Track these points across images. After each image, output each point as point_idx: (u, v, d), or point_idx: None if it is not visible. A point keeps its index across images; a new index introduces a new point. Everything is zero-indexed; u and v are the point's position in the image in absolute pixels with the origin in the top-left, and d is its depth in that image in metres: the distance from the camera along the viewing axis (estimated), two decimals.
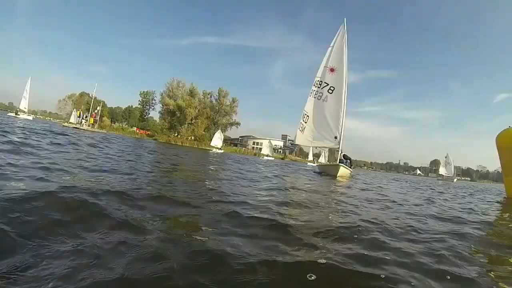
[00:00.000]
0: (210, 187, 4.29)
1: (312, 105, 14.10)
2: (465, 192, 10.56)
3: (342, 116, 13.19)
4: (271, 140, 58.47)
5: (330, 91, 13.49)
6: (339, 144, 13.15)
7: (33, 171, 3.29)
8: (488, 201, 6.96)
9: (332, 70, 13.53)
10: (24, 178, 2.88)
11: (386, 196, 5.59)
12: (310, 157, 54.89)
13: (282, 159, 58.44)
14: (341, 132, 13.11)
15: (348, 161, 13.48)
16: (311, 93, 14.25)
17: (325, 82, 13.65)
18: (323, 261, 1.58)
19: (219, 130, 47.21)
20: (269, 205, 3.16)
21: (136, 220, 2.03)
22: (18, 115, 35.91)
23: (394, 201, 4.78)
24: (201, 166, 8.88)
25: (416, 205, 4.69)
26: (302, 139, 14.56)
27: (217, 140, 43.22)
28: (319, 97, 13.75)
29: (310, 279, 1.40)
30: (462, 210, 4.75)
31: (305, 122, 14.21)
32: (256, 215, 2.55)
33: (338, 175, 10.98)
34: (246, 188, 4.51)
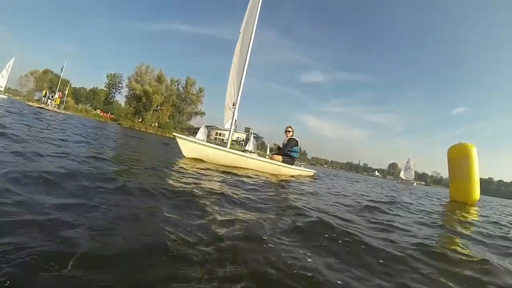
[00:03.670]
0: None
1: None
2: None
3: (244, 66, 7.48)
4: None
5: (238, 38, 7.82)
6: (233, 114, 7.46)
7: None
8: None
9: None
10: None
11: None
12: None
13: (244, 151, 57.59)
14: (238, 95, 7.41)
15: (297, 148, 7.93)
16: None
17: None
18: None
19: (203, 126, 46.83)
20: None
21: None
22: None
23: None
24: None
25: None
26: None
27: (201, 135, 43.46)
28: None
29: None
30: None
31: None
32: None
33: (187, 155, 6.01)
34: None
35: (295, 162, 8.07)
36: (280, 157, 7.50)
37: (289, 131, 8.16)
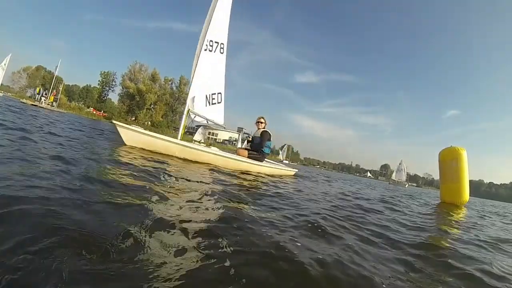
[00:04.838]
0: None
1: None
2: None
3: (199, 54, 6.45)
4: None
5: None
6: (187, 103, 6.47)
7: None
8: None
9: None
10: None
11: None
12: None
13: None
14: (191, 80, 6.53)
15: (270, 143, 6.95)
16: None
17: None
18: None
19: (201, 127, 45.99)
20: None
21: None
22: None
23: None
24: None
25: None
26: None
27: (199, 135, 42.73)
28: None
29: None
30: None
31: None
32: None
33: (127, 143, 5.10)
34: None
35: (265, 159, 7.00)
36: (246, 152, 6.47)
37: (262, 122, 7.04)
